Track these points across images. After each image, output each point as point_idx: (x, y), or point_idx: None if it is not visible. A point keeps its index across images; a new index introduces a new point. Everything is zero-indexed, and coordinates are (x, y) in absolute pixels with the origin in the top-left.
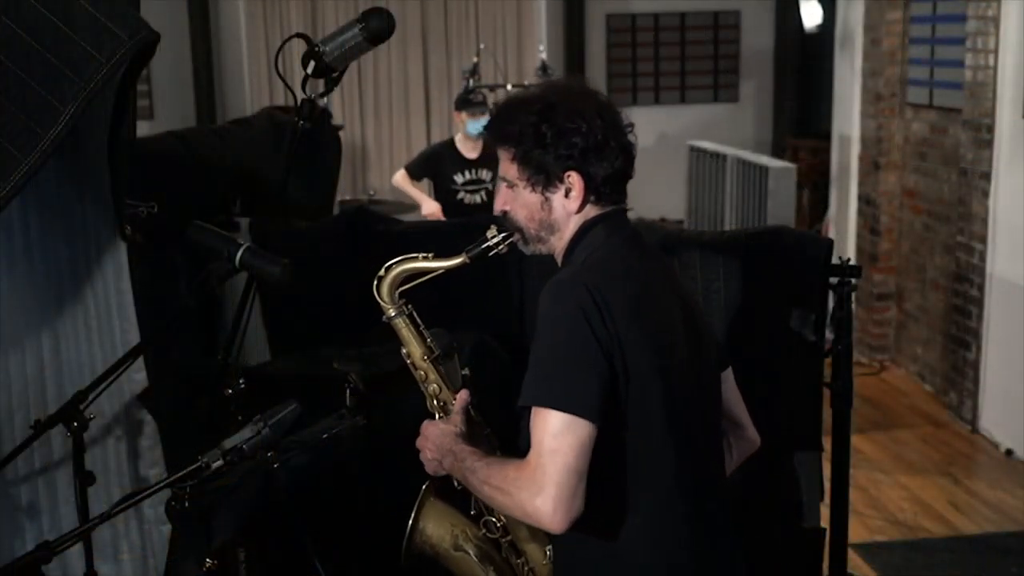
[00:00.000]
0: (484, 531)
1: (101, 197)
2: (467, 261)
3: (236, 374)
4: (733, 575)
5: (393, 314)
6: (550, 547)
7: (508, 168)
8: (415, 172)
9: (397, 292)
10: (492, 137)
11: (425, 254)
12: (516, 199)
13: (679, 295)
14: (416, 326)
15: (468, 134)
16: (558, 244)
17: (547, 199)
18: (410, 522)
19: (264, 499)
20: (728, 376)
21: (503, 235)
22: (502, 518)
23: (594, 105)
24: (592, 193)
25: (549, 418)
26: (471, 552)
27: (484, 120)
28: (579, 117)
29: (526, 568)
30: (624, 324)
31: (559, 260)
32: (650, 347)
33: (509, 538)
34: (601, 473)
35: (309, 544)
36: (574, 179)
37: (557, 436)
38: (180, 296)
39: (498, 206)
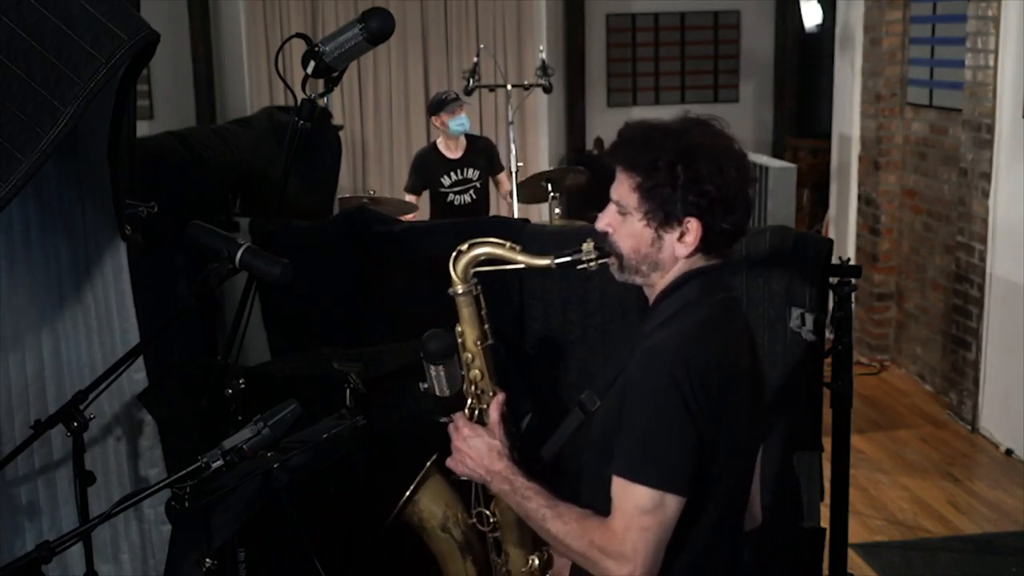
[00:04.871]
0: (475, 521)
1: (101, 197)
2: (552, 266)
3: (236, 374)
4: None
5: (461, 291)
6: (534, 556)
7: (627, 195)
8: (414, 187)
9: (472, 271)
10: (618, 159)
11: (514, 244)
12: (624, 226)
13: (757, 362)
14: (478, 308)
15: (452, 133)
16: (657, 282)
17: (660, 237)
18: (408, 491)
19: (264, 499)
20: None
21: (598, 253)
22: (496, 513)
23: (734, 156)
24: (706, 242)
25: (641, 493)
26: (455, 536)
27: (464, 115)
28: (717, 168)
29: (504, 569)
30: (718, 403)
31: (650, 298)
32: (733, 427)
33: (497, 535)
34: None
35: (309, 544)
36: (693, 225)
37: (648, 513)
38: (180, 296)
39: (601, 224)
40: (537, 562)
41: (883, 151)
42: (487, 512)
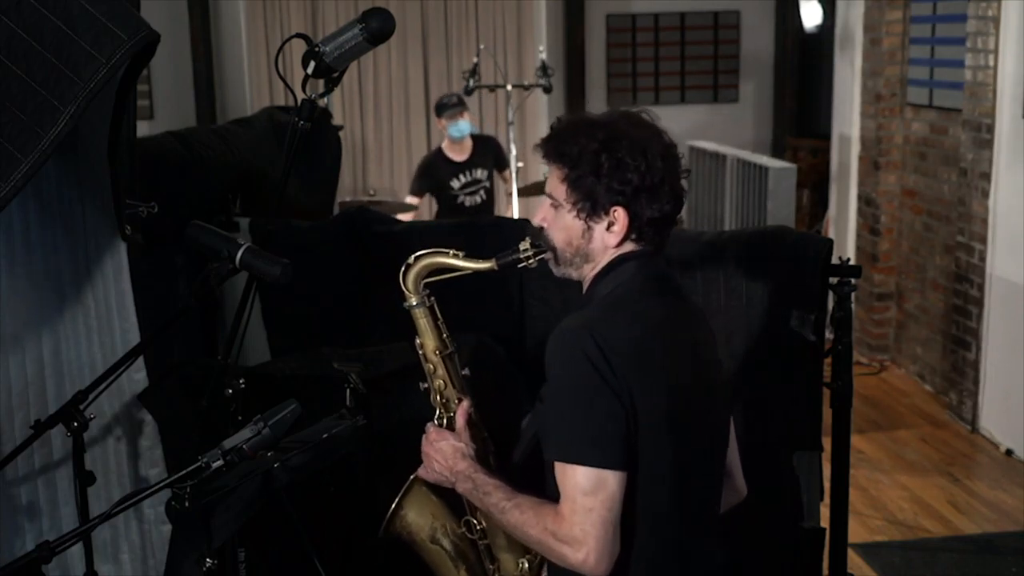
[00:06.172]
0: (463, 530)
1: (101, 197)
2: (495, 268)
3: (236, 374)
4: None
5: (414, 303)
6: (523, 560)
7: (556, 187)
8: (417, 189)
9: (422, 283)
10: (547, 153)
11: (456, 251)
12: (557, 220)
13: (695, 339)
14: (435, 319)
15: (451, 138)
16: (589, 273)
17: (589, 228)
18: (393, 504)
19: (264, 499)
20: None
21: (535, 250)
22: (483, 521)
23: (659, 145)
24: (634, 232)
25: (578, 474)
26: (446, 547)
27: (464, 121)
28: (641, 155)
29: (497, 575)
30: (630, 367)
31: (584, 287)
32: (657, 391)
33: (486, 542)
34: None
35: (309, 544)
36: (619, 214)
37: (589, 494)
38: (180, 296)
39: (536, 220)
40: (527, 565)
41: (883, 151)
42: (474, 520)
